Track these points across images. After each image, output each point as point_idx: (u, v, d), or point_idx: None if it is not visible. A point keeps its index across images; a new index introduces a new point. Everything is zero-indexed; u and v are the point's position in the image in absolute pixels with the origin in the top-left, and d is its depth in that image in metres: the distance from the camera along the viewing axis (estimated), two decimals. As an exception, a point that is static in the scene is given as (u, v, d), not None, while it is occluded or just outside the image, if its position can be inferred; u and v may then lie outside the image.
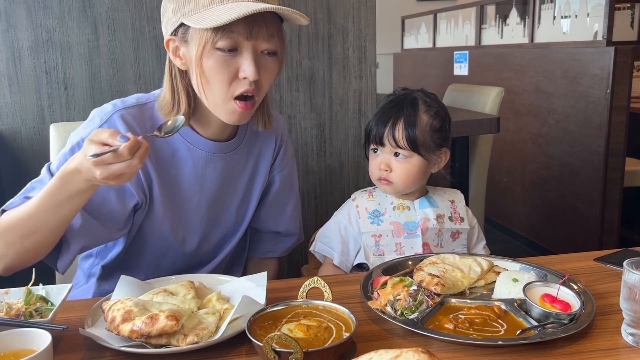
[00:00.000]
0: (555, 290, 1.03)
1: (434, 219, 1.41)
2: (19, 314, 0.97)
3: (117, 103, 1.26)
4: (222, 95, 1.16)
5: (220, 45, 1.11)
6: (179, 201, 1.30)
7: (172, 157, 1.28)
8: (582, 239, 3.37)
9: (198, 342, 0.91)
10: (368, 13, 2.19)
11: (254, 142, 1.38)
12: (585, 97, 3.25)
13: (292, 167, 1.48)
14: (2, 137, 2.05)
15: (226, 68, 1.13)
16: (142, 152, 1.00)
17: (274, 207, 1.45)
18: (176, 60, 1.19)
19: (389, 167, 1.39)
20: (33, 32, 1.99)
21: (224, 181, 1.33)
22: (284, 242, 1.51)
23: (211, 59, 1.13)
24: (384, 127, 1.38)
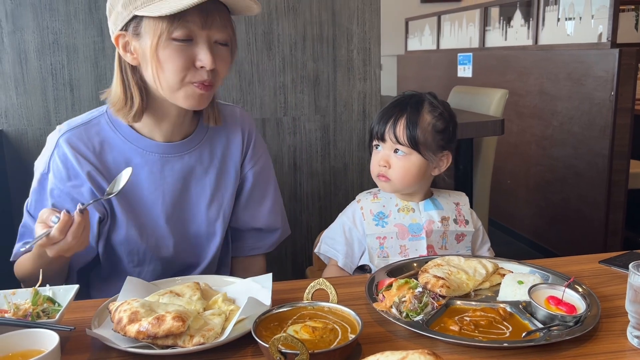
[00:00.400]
0: (560, 292, 1.03)
1: (438, 221, 1.42)
2: (26, 315, 0.97)
3: (63, 127, 1.29)
4: (178, 81, 1.18)
5: (175, 35, 1.14)
6: (142, 208, 1.30)
7: (126, 166, 1.27)
8: (587, 241, 3.36)
9: (204, 343, 0.92)
10: (373, 15, 2.19)
11: (216, 140, 1.37)
12: (590, 99, 3.25)
13: (265, 162, 1.47)
14: (8, 138, 2.06)
15: (182, 56, 1.16)
16: (74, 228, 1.06)
17: (251, 204, 1.44)
18: (127, 56, 1.20)
19: (387, 163, 1.40)
20: (39, 34, 2.00)
21: (185, 181, 1.33)
22: (268, 238, 1.49)
23: (167, 49, 1.15)
24: (385, 124, 1.40)
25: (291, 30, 2.15)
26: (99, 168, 1.27)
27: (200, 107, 1.25)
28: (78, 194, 1.25)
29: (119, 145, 1.29)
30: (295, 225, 2.32)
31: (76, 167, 1.25)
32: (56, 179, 1.25)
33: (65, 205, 1.24)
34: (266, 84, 2.18)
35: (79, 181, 1.26)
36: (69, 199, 1.25)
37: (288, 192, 2.29)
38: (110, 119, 1.30)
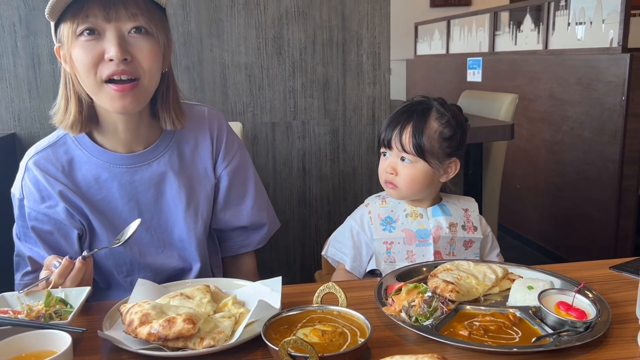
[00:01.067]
0: (570, 298, 1.02)
1: (446, 227, 1.41)
2: (39, 316, 0.98)
3: (31, 150, 1.30)
4: (92, 80, 1.16)
5: (79, 31, 1.14)
6: (120, 220, 1.29)
7: (96, 183, 1.29)
8: (597, 247, 3.34)
9: (214, 346, 0.92)
10: (382, 20, 2.20)
11: (184, 143, 1.35)
12: (600, 104, 3.23)
13: (241, 160, 1.43)
14: (21, 141, 2.09)
15: (90, 52, 1.14)
16: (74, 274, 1.10)
17: (231, 204, 1.42)
18: (66, 67, 1.20)
19: (394, 171, 1.41)
20: (52, 38, 2.02)
21: (157, 188, 1.32)
22: (254, 235, 1.47)
23: (76, 48, 1.14)
24: (392, 131, 1.40)
25: (301, 35, 2.17)
26: (70, 187, 1.26)
27: (127, 109, 1.19)
28: (54, 214, 1.26)
29: (86, 162, 1.28)
30: (304, 229, 2.33)
31: (48, 188, 1.26)
32: (30, 202, 1.26)
33: (44, 226, 1.26)
34: (276, 88, 2.19)
35: (52, 202, 1.26)
36: (46, 219, 1.26)
37: (297, 196, 2.30)
38: (75, 136, 1.28)
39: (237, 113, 2.20)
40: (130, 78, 1.16)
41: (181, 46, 2.13)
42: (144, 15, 1.16)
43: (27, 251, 1.28)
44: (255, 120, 2.22)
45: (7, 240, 1.30)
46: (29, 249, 1.28)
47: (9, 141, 2.06)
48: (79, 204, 1.27)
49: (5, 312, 1.00)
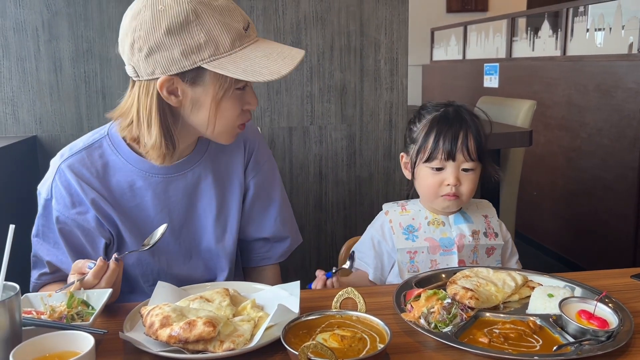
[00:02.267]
0: (592, 306, 1.01)
1: (469, 235, 1.40)
2: (61, 317, 1.00)
3: (65, 151, 1.28)
4: (232, 126, 1.23)
5: (239, 86, 1.18)
6: (150, 229, 1.26)
7: (130, 190, 1.28)
8: (615, 256, 3.30)
9: (234, 349, 0.93)
10: (400, 26, 2.20)
11: (219, 153, 1.35)
12: (619, 111, 3.20)
13: (269, 172, 1.43)
14: (42, 144, 2.12)
15: (239, 104, 1.20)
16: (109, 274, 1.11)
17: (254, 214, 1.42)
18: (170, 99, 1.15)
19: (459, 181, 1.36)
20: (74, 42, 2.06)
21: (190, 199, 1.32)
22: (277, 248, 1.46)
23: (231, 99, 1.18)
24: (455, 141, 1.34)
25: (319, 40, 2.17)
26: (103, 194, 1.25)
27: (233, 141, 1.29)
28: (84, 221, 1.25)
29: (121, 168, 1.27)
30: (320, 234, 2.33)
31: (80, 193, 1.24)
32: (60, 206, 1.24)
33: (73, 231, 1.25)
34: (293, 93, 2.20)
35: (83, 208, 1.24)
36: (74, 226, 1.25)
37: (313, 201, 2.30)
38: (112, 141, 1.27)
39: (254, 118, 2.21)
40: None
41: (200, 51, 2.15)
42: None
43: (45, 254, 1.27)
44: (272, 124, 2.23)
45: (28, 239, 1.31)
46: (47, 252, 1.27)
47: (31, 144, 2.09)
48: (110, 213, 1.26)
49: (29, 312, 1.01)
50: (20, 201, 2.01)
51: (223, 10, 1.11)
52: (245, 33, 1.14)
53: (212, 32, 1.09)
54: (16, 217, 1.13)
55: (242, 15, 1.15)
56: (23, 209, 2.05)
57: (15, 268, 0.99)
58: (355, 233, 2.30)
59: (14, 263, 0.94)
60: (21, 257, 1.54)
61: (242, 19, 1.15)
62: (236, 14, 1.13)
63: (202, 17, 1.09)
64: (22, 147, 2.04)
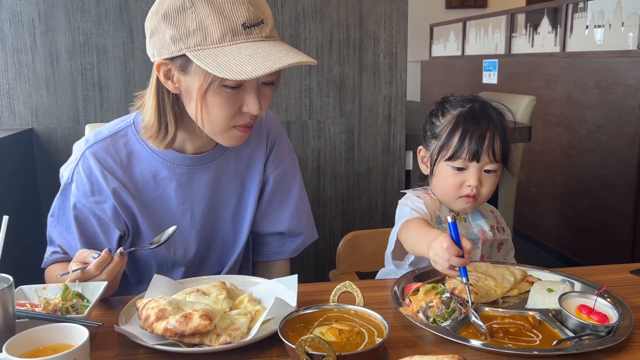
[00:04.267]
0: (591, 301, 1.01)
1: (488, 231, 1.38)
2: (56, 310, 0.98)
3: (90, 137, 1.27)
4: (223, 126, 1.16)
5: (227, 84, 1.09)
6: (170, 221, 1.27)
7: (154, 180, 1.26)
8: (613, 253, 3.30)
9: (230, 343, 0.92)
10: (400, 19, 2.19)
11: (243, 146, 1.32)
12: (619, 108, 3.19)
13: (288, 165, 1.41)
14: (38, 137, 2.10)
15: (231, 104, 1.12)
16: (111, 267, 1.10)
17: (271, 208, 1.40)
18: (167, 84, 1.15)
19: (480, 183, 1.32)
20: (71, 34, 2.04)
21: (213, 191, 1.31)
22: (290, 243, 1.45)
23: (217, 95, 1.11)
24: (482, 142, 1.29)
25: (318, 34, 2.16)
26: (125, 184, 1.24)
27: (239, 144, 1.23)
28: (100, 211, 1.24)
29: (145, 158, 1.25)
30: (318, 228, 2.30)
31: (101, 182, 1.23)
32: (79, 192, 1.24)
33: (88, 219, 1.24)
34: (292, 87, 2.19)
35: (102, 197, 1.24)
36: (90, 214, 1.24)
37: (311, 195, 2.29)
38: (137, 130, 1.26)
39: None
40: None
41: (198, 44, 2.13)
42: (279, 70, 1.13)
43: (57, 237, 1.27)
44: (270, 118, 2.21)
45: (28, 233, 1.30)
46: (59, 234, 1.26)
47: (27, 136, 2.07)
48: (130, 204, 1.25)
49: (23, 305, 1.00)
50: (16, 194, 2.00)
51: (224, 2, 1.07)
52: (245, 30, 1.07)
53: (204, 22, 1.06)
54: (12, 210, 1.12)
55: (248, 12, 1.07)
56: (19, 202, 2.04)
57: (9, 260, 0.97)
58: (353, 228, 2.29)
59: (8, 255, 0.93)
60: (15, 249, 1.53)
61: (247, 15, 1.07)
62: (239, 9, 1.07)
63: (198, 6, 1.07)
64: (18, 140, 2.02)
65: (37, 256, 1.35)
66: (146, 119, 1.21)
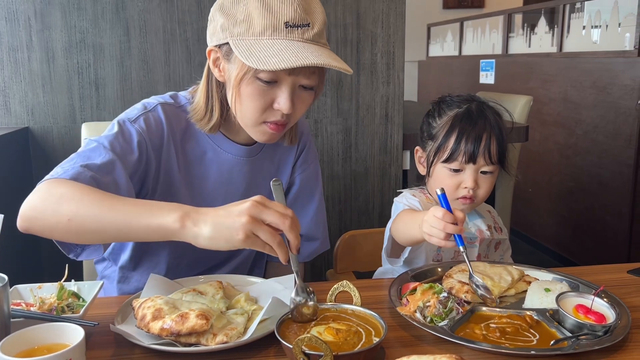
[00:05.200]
0: (589, 301, 1.01)
1: (486, 230, 1.38)
2: (51, 309, 0.98)
3: (159, 98, 1.29)
4: (254, 119, 1.18)
5: (261, 77, 1.11)
6: (202, 201, 1.29)
7: (200, 159, 1.29)
8: (610, 253, 3.31)
9: (227, 342, 0.91)
10: (397, 19, 2.19)
11: (276, 147, 1.37)
12: (615, 108, 3.20)
13: (314, 170, 1.45)
14: (34, 136, 2.09)
15: (262, 97, 1.14)
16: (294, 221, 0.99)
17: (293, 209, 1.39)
18: (215, 71, 1.19)
19: (477, 185, 1.32)
20: (67, 33, 2.03)
21: (248, 185, 1.33)
22: (305, 247, 1.46)
23: (250, 86, 1.13)
24: (478, 144, 1.29)
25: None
26: (178, 151, 1.25)
27: (270, 142, 1.24)
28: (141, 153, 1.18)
29: (197, 137, 1.28)
30: (315, 228, 2.31)
31: (163, 137, 1.22)
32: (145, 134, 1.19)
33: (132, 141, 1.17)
34: (289, 86, 2.18)
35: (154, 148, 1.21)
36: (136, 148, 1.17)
37: (308, 195, 2.29)
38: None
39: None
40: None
41: (195, 43, 2.12)
42: (318, 74, 1.15)
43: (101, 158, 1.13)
44: (267, 118, 2.21)
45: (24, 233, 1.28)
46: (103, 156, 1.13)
47: (23, 135, 2.06)
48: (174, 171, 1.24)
49: (18, 304, 1.00)
50: (12, 193, 1.99)
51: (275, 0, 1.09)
52: (286, 28, 1.08)
53: (251, 14, 1.10)
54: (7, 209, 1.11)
55: (295, 13, 1.08)
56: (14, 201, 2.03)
57: (5, 259, 0.97)
58: (350, 227, 2.29)
59: (3, 254, 0.92)
60: (11, 248, 1.52)
61: (293, 15, 1.08)
62: (287, 8, 1.08)
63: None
64: (14, 139, 2.01)
65: (33, 255, 1.34)
66: (196, 100, 1.25)
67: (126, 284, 1.35)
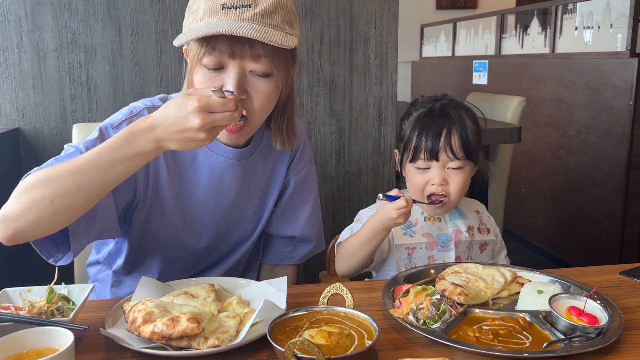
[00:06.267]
0: (581, 303, 1.01)
1: (465, 231, 1.38)
2: (40, 313, 0.97)
3: (147, 102, 1.27)
4: None
5: (204, 62, 1.11)
6: (194, 205, 1.28)
7: (191, 162, 1.27)
8: (602, 253, 3.32)
9: (219, 346, 0.91)
10: (390, 20, 2.18)
11: (270, 149, 1.35)
12: (608, 109, 3.21)
13: (309, 172, 1.45)
14: (25, 137, 2.07)
15: (209, 84, 1.11)
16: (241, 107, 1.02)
17: (288, 211, 1.42)
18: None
19: (445, 181, 1.33)
20: (58, 33, 2.01)
21: (241, 188, 1.32)
22: (300, 249, 1.46)
23: (198, 74, 1.13)
24: (437, 140, 1.30)
25: (308, 34, 2.15)
26: (167, 154, 1.23)
27: (234, 143, 1.23)
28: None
29: None
30: (308, 229, 2.31)
31: None
32: None
33: None
34: (282, 87, 2.17)
35: None
36: None
37: (301, 196, 2.28)
38: None
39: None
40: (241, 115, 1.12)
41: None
42: (268, 57, 1.11)
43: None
44: (260, 119, 2.20)
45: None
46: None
47: (13, 136, 2.05)
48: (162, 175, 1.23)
49: (7, 308, 0.98)
50: (2, 195, 1.97)
51: None
52: (222, 10, 1.08)
53: (200, 3, 1.11)
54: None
55: None
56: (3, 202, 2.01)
57: (-7, 262, 0.96)
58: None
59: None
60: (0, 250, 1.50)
61: None
62: None
63: None
64: (4, 140, 1.99)
65: (22, 259, 1.32)
66: None
67: (120, 288, 1.34)
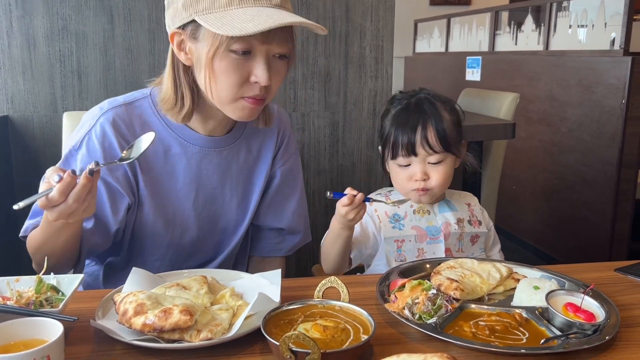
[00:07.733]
0: (578, 299, 1.00)
1: (454, 223, 1.38)
2: (29, 303, 0.95)
3: (105, 104, 1.24)
4: (231, 95, 1.14)
5: (234, 48, 1.09)
6: (174, 199, 1.27)
7: (164, 155, 1.25)
8: (592, 250, 3.33)
9: (212, 339, 0.89)
10: (387, 13, 2.17)
11: (254, 137, 1.34)
12: (600, 107, 3.22)
13: (295, 163, 1.44)
14: (14, 124, 2.04)
15: (238, 71, 1.11)
16: (77, 190, 0.95)
17: (275, 203, 1.41)
18: (180, 55, 1.16)
19: (426, 175, 1.34)
20: (49, 19, 1.98)
21: (221, 176, 1.30)
22: (288, 240, 1.46)
23: (224, 61, 1.10)
24: (413, 135, 1.31)
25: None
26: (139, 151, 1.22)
27: (249, 119, 1.21)
28: (113, 178, 1.20)
29: (159, 132, 1.23)
30: (300, 222, 2.29)
31: (116, 147, 1.19)
32: (90, 158, 1.18)
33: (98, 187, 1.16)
34: (276, 79, 2.15)
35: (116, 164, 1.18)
36: (100, 182, 1.18)
37: (294, 189, 2.26)
38: (154, 102, 1.25)
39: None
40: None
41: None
42: (291, 40, 1.14)
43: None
44: (254, 110, 2.18)
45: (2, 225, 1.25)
46: None
47: (2, 124, 2.01)
48: (137, 173, 1.22)
49: (-6, 298, 0.96)
50: (-10, 183, 1.94)
51: None
52: None
53: None
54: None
55: None
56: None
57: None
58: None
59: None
60: None
61: None
62: None
63: None
64: (-8, 127, 1.96)
65: (11, 248, 1.30)
66: (163, 91, 1.21)
67: (112, 282, 1.32)
